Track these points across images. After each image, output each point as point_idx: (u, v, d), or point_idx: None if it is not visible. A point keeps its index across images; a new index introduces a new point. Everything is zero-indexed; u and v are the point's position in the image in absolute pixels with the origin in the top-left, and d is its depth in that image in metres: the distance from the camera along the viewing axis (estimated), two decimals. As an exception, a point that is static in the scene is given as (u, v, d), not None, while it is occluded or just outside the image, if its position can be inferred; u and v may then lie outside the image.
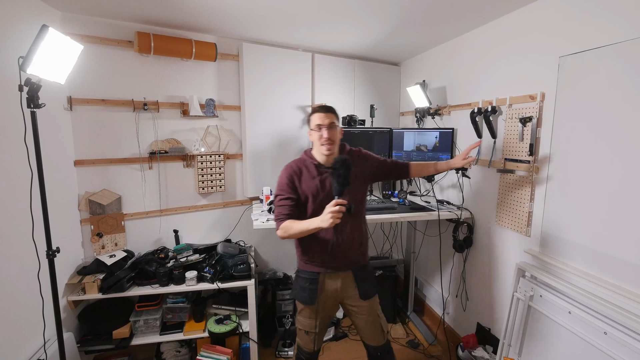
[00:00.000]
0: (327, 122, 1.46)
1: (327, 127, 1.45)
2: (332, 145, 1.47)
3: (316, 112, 1.49)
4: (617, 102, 1.35)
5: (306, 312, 1.56)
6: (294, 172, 1.51)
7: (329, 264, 1.52)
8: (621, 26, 1.33)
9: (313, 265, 1.54)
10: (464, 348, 2.11)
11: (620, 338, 1.29)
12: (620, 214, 1.35)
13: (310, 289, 1.53)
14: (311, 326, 1.55)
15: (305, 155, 1.57)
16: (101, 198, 2.07)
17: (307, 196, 1.49)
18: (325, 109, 1.50)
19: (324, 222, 1.30)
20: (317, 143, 1.49)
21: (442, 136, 2.36)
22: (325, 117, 1.47)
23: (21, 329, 1.53)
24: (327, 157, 1.50)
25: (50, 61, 1.29)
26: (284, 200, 1.48)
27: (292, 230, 1.42)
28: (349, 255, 1.53)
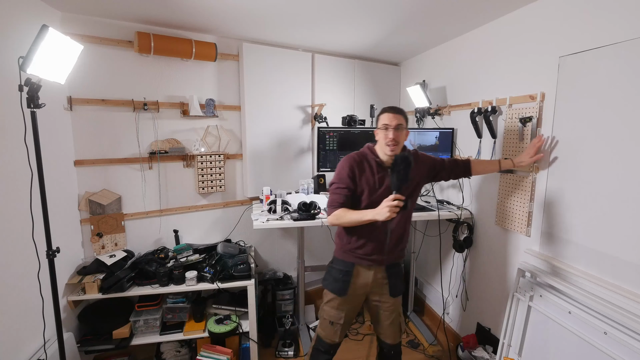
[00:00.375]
0: (395, 123, 1.47)
1: (394, 128, 1.46)
2: (396, 146, 1.48)
3: (385, 112, 1.50)
4: (617, 102, 1.35)
5: (335, 303, 1.59)
6: (355, 164, 1.53)
7: (370, 256, 1.55)
8: (621, 26, 1.34)
9: (351, 256, 1.57)
10: (464, 348, 2.11)
11: (620, 338, 1.29)
12: (621, 214, 1.35)
13: (344, 280, 1.56)
14: (338, 317, 1.58)
15: (367, 150, 1.58)
16: (101, 198, 2.07)
17: (363, 189, 1.52)
18: (395, 110, 1.51)
19: (379, 215, 1.35)
20: (382, 142, 1.50)
21: (442, 136, 2.37)
22: (393, 118, 1.47)
23: (21, 329, 1.53)
24: (389, 156, 1.51)
25: (50, 61, 1.29)
26: (341, 189, 1.51)
27: (344, 219, 1.47)
28: (391, 251, 1.57)
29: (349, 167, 1.52)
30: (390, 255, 1.59)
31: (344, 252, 1.59)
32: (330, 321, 1.59)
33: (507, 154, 1.91)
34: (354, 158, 1.54)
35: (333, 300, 1.59)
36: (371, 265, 1.57)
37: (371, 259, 1.55)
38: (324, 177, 2.57)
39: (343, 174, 1.52)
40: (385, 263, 1.59)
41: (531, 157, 1.67)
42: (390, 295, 1.60)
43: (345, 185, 1.51)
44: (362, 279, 1.57)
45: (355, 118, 2.60)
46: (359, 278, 1.57)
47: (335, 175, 1.56)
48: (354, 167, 1.52)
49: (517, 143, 1.84)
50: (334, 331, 1.60)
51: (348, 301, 1.58)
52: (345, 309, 1.59)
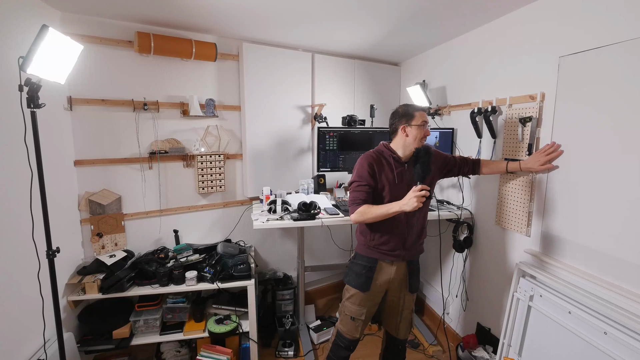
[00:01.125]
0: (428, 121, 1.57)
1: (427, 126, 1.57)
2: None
3: (422, 111, 1.57)
4: (618, 102, 1.35)
5: (356, 299, 1.61)
6: (374, 161, 1.57)
7: (393, 252, 1.58)
8: (621, 26, 1.34)
9: (375, 252, 1.60)
10: (464, 348, 2.11)
11: (620, 338, 1.29)
12: (621, 214, 1.35)
13: (367, 275, 1.60)
14: (360, 313, 1.61)
15: (383, 147, 1.62)
16: (101, 198, 2.07)
17: (384, 185, 1.55)
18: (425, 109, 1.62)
19: (407, 206, 1.39)
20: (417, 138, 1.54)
21: (442, 136, 2.37)
22: (426, 116, 1.58)
23: (21, 329, 1.53)
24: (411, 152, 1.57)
25: (50, 61, 1.29)
26: (362, 187, 1.55)
27: (369, 214, 1.50)
28: (413, 246, 1.62)
29: (367, 164, 1.55)
30: (412, 250, 1.63)
31: (368, 248, 1.61)
32: (352, 317, 1.62)
33: (507, 154, 1.91)
34: (371, 156, 1.59)
35: (355, 295, 1.62)
36: (394, 261, 1.61)
37: (395, 254, 1.59)
38: (324, 177, 2.57)
39: (363, 171, 1.55)
40: (407, 258, 1.63)
41: (542, 166, 1.63)
42: (409, 291, 1.67)
43: (365, 182, 1.54)
44: (385, 274, 1.61)
45: (355, 118, 2.60)
46: (382, 274, 1.61)
47: (355, 174, 1.59)
48: (372, 164, 1.56)
49: (517, 143, 1.84)
50: (355, 327, 1.63)
51: (370, 297, 1.62)
52: (367, 305, 1.62)
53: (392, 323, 1.73)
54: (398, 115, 1.58)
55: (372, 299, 1.64)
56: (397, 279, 1.63)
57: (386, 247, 1.59)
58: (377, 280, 1.61)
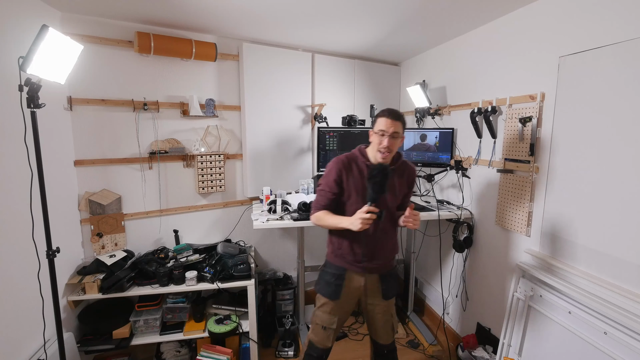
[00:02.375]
0: (392, 130, 1.42)
1: (390, 136, 1.42)
2: (389, 154, 1.45)
3: (384, 117, 1.44)
4: (618, 102, 1.35)
5: (327, 307, 1.56)
6: (344, 167, 1.51)
7: (359, 263, 1.53)
8: (621, 26, 1.34)
9: (342, 260, 1.56)
10: (464, 348, 2.11)
11: (620, 338, 1.29)
12: (621, 214, 1.35)
13: (336, 284, 1.55)
14: (331, 322, 1.56)
15: (358, 152, 1.55)
16: (101, 198, 2.07)
17: (351, 193, 1.50)
18: (394, 115, 1.44)
19: (352, 225, 1.35)
20: (375, 147, 1.47)
21: (442, 136, 2.37)
22: (391, 124, 1.42)
23: (21, 329, 1.53)
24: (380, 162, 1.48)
25: (50, 61, 1.29)
26: (325, 192, 1.52)
27: (323, 222, 1.50)
28: (376, 260, 1.54)
29: (336, 171, 1.50)
30: (380, 265, 1.56)
31: (336, 256, 1.58)
32: (323, 326, 1.56)
33: (507, 154, 1.91)
34: (342, 161, 1.52)
35: (326, 304, 1.56)
36: (362, 272, 1.55)
37: (361, 265, 1.53)
38: (324, 177, 2.57)
39: (330, 177, 1.51)
40: (375, 272, 1.56)
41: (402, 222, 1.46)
42: (383, 298, 1.58)
43: (329, 189, 1.51)
44: (355, 282, 1.55)
45: (355, 118, 2.60)
46: (352, 282, 1.55)
47: (323, 177, 1.55)
48: (341, 171, 1.50)
49: (517, 143, 1.84)
50: (327, 336, 1.57)
51: (341, 305, 1.56)
52: (338, 313, 1.57)
53: (372, 329, 1.66)
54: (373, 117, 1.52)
55: (343, 307, 1.57)
56: (369, 288, 1.57)
57: (351, 257, 1.53)
58: (347, 289, 1.55)
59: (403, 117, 1.48)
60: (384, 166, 1.37)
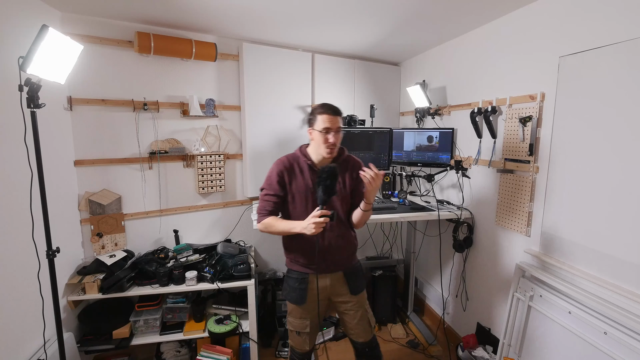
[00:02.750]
0: (336, 126, 1.41)
1: (335, 132, 1.40)
2: (335, 149, 1.44)
3: (325, 114, 1.41)
4: (618, 102, 1.35)
5: (297, 313, 1.55)
6: (285, 168, 1.48)
7: (314, 266, 1.51)
8: (621, 26, 1.34)
9: (300, 266, 1.54)
10: (464, 348, 2.11)
11: (620, 338, 1.29)
12: (621, 214, 1.35)
13: (300, 288, 1.52)
14: (302, 326, 1.55)
15: (299, 152, 1.53)
16: (101, 198, 2.07)
17: (294, 195, 1.47)
18: (334, 111, 1.43)
19: (306, 230, 1.32)
20: (320, 145, 1.43)
21: (442, 136, 2.36)
22: (334, 120, 1.41)
23: (21, 329, 1.53)
24: (325, 159, 1.47)
25: (50, 61, 1.29)
26: (270, 197, 1.48)
27: (273, 228, 1.45)
28: (335, 259, 1.53)
29: (277, 172, 1.47)
30: (338, 263, 1.54)
31: (294, 263, 1.56)
32: (297, 331, 1.56)
33: (507, 154, 1.91)
34: (283, 162, 1.49)
35: (294, 310, 1.56)
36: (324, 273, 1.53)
37: (319, 268, 1.51)
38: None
39: (272, 179, 1.48)
40: (336, 270, 1.54)
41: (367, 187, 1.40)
42: (351, 294, 1.56)
43: (273, 192, 1.47)
44: (320, 284, 1.52)
45: (355, 118, 2.60)
46: (315, 284, 1.52)
47: (265, 180, 1.51)
48: (282, 172, 1.47)
49: (517, 143, 1.84)
50: (303, 340, 1.57)
51: (309, 308, 1.53)
52: (309, 317, 1.54)
53: (349, 329, 1.62)
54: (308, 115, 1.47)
55: (312, 310, 1.54)
56: (335, 286, 1.55)
57: (305, 261, 1.51)
58: (312, 291, 1.52)
59: (341, 111, 1.48)
60: (332, 167, 1.32)
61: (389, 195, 2.58)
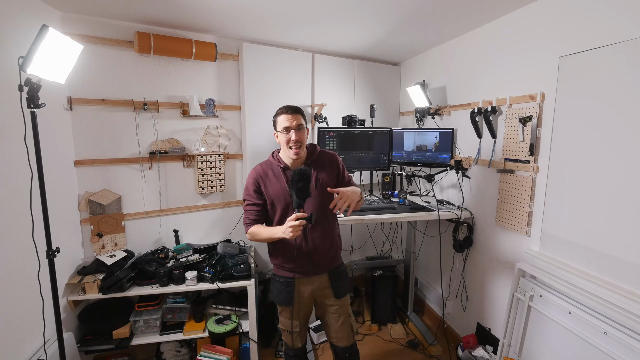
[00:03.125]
0: (295, 124, 1.41)
1: (296, 130, 1.40)
2: (300, 148, 1.43)
3: (283, 114, 1.42)
4: (618, 102, 1.35)
5: (286, 313, 1.58)
6: (259, 176, 1.49)
7: (299, 269, 1.52)
8: (621, 26, 1.34)
9: (285, 271, 1.55)
10: (464, 348, 2.11)
11: (620, 338, 1.29)
12: (620, 214, 1.35)
13: (287, 291, 1.54)
14: (293, 326, 1.58)
15: (272, 158, 1.53)
16: (101, 198, 2.07)
17: (272, 200, 1.48)
18: (292, 109, 1.43)
19: (285, 234, 1.32)
20: (285, 146, 1.44)
21: (442, 136, 2.36)
22: (292, 118, 1.41)
23: (21, 329, 1.53)
24: (294, 160, 1.47)
25: (50, 61, 1.29)
26: (250, 206, 1.50)
27: (258, 237, 1.47)
28: (319, 261, 1.52)
29: (252, 181, 1.49)
30: (322, 264, 1.54)
31: (279, 268, 1.57)
32: (287, 330, 1.60)
33: (507, 154, 1.91)
34: (257, 170, 1.51)
35: (283, 311, 1.59)
36: (308, 277, 1.54)
37: (302, 270, 1.52)
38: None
39: (249, 189, 1.49)
40: (322, 272, 1.55)
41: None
42: (334, 297, 1.56)
43: (252, 200, 1.49)
44: (306, 285, 1.55)
45: (355, 118, 2.60)
46: (302, 287, 1.55)
47: (244, 191, 1.53)
48: (258, 180, 1.48)
49: (517, 143, 1.84)
50: (294, 338, 1.60)
51: (297, 309, 1.56)
52: (298, 317, 1.57)
53: (330, 332, 1.61)
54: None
55: (301, 310, 1.57)
56: (320, 288, 1.55)
57: (290, 265, 1.52)
58: (299, 293, 1.54)
59: (301, 109, 1.48)
60: (302, 169, 1.30)
61: (389, 195, 2.58)
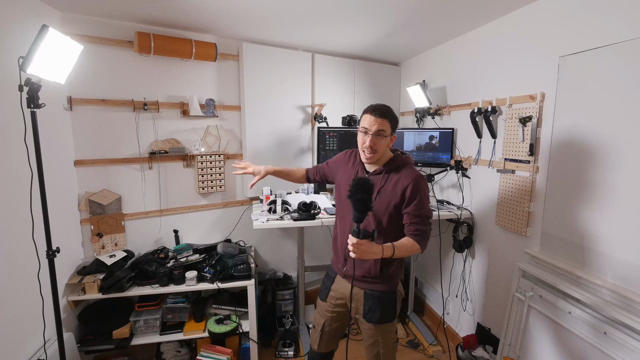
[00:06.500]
0: (375, 128, 1.27)
1: (373, 134, 1.28)
2: (374, 154, 1.30)
3: (368, 113, 1.31)
4: (618, 102, 1.35)
5: (318, 307, 1.59)
6: (345, 157, 1.55)
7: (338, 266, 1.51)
8: (621, 26, 1.34)
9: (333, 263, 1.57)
10: (464, 348, 2.11)
11: (620, 338, 1.29)
12: (620, 214, 1.35)
13: (326, 285, 1.56)
14: (317, 322, 1.57)
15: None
16: (101, 198, 2.07)
17: (339, 184, 1.51)
18: (379, 112, 1.29)
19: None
20: (359, 146, 1.35)
21: (442, 136, 2.36)
22: (374, 122, 1.28)
23: (21, 329, 1.53)
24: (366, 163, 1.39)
25: (50, 61, 1.29)
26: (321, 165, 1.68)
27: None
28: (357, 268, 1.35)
29: (336, 159, 1.59)
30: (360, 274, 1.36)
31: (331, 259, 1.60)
32: (313, 325, 1.59)
33: (507, 154, 1.91)
34: (347, 152, 1.57)
35: (318, 304, 1.59)
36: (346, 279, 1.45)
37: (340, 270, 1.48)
38: (324, 177, 2.57)
39: (332, 160, 1.62)
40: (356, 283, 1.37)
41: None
42: (364, 319, 1.39)
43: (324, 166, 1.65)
44: (342, 289, 1.46)
45: (355, 118, 2.60)
46: (339, 287, 1.48)
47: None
48: (341, 158, 1.56)
49: (517, 143, 1.84)
50: (315, 337, 1.57)
51: (327, 308, 1.51)
52: (325, 317, 1.51)
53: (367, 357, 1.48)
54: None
55: (329, 311, 1.49)
56: (354, 300, 1.40)
57: (334, 256, 1.54)
58: (333, 292, 1.49)
59: (391, 114, 1.33)
60: (362, 179, 1.10)
61: (389, 195, 2.58)
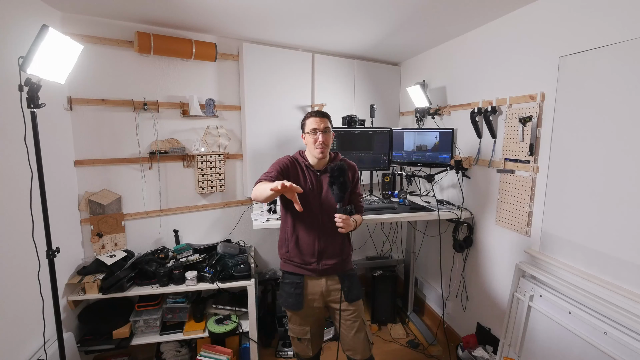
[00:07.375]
0: (323, 126, 1.52)
1: (322, 132, 1.51)
2: (325, 148, 1.53)
3: (312, 117, 1.54)
4: (617, 102, 1.35)
5: (295, 319, 1.56)
6: (289, 163, 1.57)
7: (307, 267, 1.53)
8: (621, 26, 1.34)
9: (294, 267, 1.55)
10: (464, 348, 2.11)
11: (620, 338, 1.29)
12: (620, 214, 1.35)
13: (296, 293, 1.53)
14: (303, 332, 1.55)
15: (298, 155, 1.63)
16: (101, 198, 2.07)
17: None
18: (320, 114, 1.56)
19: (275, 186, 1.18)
20: (312, 146, 1.54)
21: (442, 136, 2.36)
22: (320, 121, 1.53)
23: (21, 329, 1.53)
24: (318, 160, 1.56)
25: (50, 61, 1.29)
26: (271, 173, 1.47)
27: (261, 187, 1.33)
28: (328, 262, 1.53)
29: (283, 164, 1.54)
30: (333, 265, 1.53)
31: (287, 263, 1.57)
32: (298, 338, 1.57)
33: (507, 154, 1.91)
34: (287, 158, 1.59)
35: (293, 316, 1.57)
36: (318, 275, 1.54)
37: (312, 268, 1.52)
38: (324, 177, 2.57)
39: (276, 166, 1.53)
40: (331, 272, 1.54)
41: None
42: (346, 300, 1.52)
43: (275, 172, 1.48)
44: (315, 287, 1.53)
45: (355, 118, 2.60)
46: (312, 288, 1.53)
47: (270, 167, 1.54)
48: (287, 165, 1.55)
49: (517, 143, 1.84)
50: (305, 346, 1.58)
51: (308, 314, 1.54)
52: (309, 322, 1.55)
53: (344, 343, 1.54)
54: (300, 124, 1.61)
55: (311, 315, 1.55)
56: (331, 290, 1.53)
57: (301, 260, 1.53)
58: (308, 296, 1.52)
59: (329, 115, 1.59)
60: (340, 164, 1.42)
61: (389, 195, 2.58)
